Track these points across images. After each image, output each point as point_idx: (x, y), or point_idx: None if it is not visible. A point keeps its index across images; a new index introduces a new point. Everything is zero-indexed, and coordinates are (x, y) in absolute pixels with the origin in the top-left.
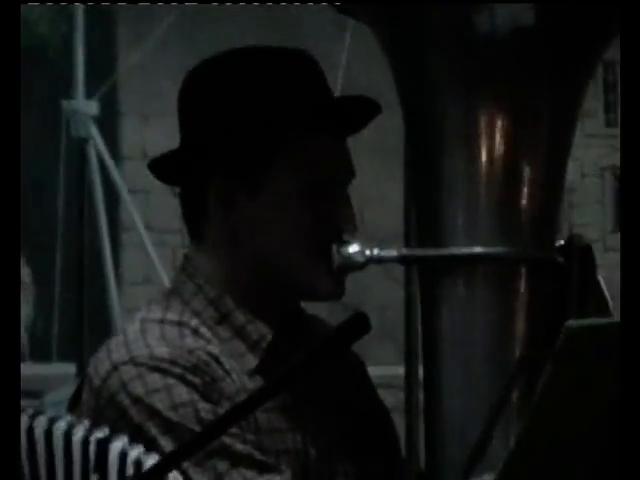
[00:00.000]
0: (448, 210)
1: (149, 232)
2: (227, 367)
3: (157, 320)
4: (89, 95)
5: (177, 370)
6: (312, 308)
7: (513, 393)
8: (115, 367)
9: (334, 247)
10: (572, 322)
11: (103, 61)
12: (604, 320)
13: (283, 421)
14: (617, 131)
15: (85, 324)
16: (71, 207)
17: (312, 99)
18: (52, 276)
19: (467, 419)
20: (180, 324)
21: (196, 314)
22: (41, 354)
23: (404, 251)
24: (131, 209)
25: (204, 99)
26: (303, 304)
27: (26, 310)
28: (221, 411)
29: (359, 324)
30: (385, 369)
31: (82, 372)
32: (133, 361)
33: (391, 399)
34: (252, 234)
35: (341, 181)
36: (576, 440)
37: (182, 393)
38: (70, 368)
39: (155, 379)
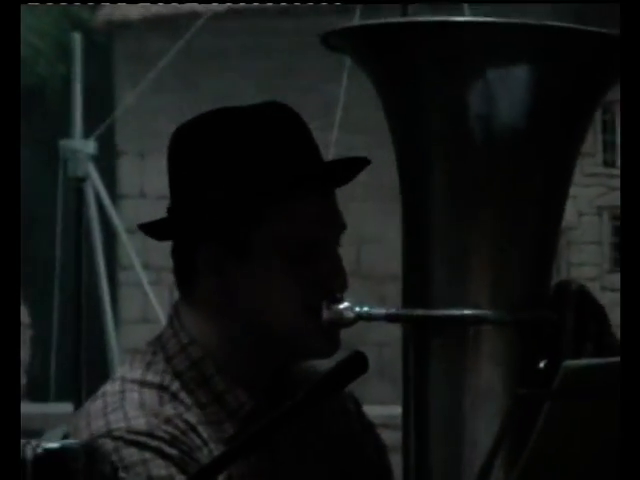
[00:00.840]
0: (437, 268)
1: (146, 271)
2: (204, 436)
3: (137, 381)
4: (87, 135)
5: (154, 443)
6: None
7: (508, 432)
8: (95, 437)
9: (324, 303)
10: (570, 362)
11: (101, 101)
12: (602, 360)
13: (259, 473)
14: (615, 171)
15: (82, 364)
16: (69, 246)
17: (297, 164)
18: (49, 316)
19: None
20: (160, 388)
21: (177, 375)
22: (39, 394)
23: (392, 310)
24: (129, 248)
25: (187, 165)
26: None
27: (23, 351)
28: None
29: (357, 363)
30: (383, 408)
31: None
32: (110, 435)
33: (389, 439)
34: (242, 298)
35: (330, 239)
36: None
37: (160, 467)
38: (68, 408)
39: (132, 453)
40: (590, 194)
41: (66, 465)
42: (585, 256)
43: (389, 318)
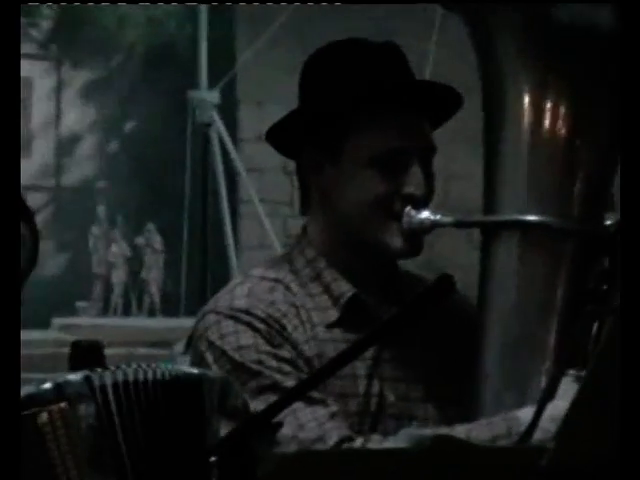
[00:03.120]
0: (508, 182)
1: (263, 204)
2: (304, 318)
3: (257, 276)
4: (211, 86)
5: (247, 318)
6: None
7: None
8: (203, 315)
9: (406, 212)
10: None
11: (224, 56)
12: None
13: (357, 369)
14: None
15: (208, 284)
16: (196, 184)
17: (392, 80)
18: (180, 243)
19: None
20: (276, 281)
21: (295, 272)
22: (171, 310)
23: (459, 217)
24: (248, 185)
25: (306, 83)
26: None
27: (158, 273)
28: (282, 354)
29: (445, 284)
30: None
31: None
32: (215, 310)
33: None
34: (335, 197)
35: (415, 152)
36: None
37: (248, 337)
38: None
39: (228, 324)
40: None
41: (202, 395)
42: None
43: (459, 224)
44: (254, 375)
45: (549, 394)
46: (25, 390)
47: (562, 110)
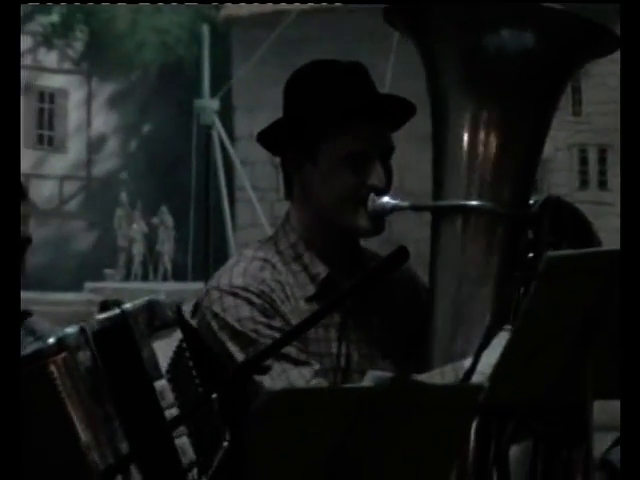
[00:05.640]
0: (452, 175)
1: (255, 191)
2: (288, 293)
3: (249, 256)
4: (212, 95)
5: (245, 294)
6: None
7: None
8: (207, 291)
9: (370, 197)
10: (551, 253)
11: (222, 72)
12: (575, 251)
13: (330, 333)
14: (579, 119)
15: (210, 255)
16: (200, 175)
17: (358, 96)
18: (187, 223)
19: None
20: (264, 260)
21: (279, 253)
22: (180, 276)
23: (414, 202)
24: (242, 175)
25: (287, 96)
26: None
27: (170, 246)
28: (274, 324)
29: (401, 254)
30: None
31: None
32: (217, 288)
33: None
34: (314, 191)
35: (377, 152)
36: (555, 344)
37: (246, 310)
38: (200, 285)
39: (229, 300)
40: (562, 135)
41: (127, 323)
42: (560, 179)
43: (413, 208)
44: (252, 342)
45: (485, 344)
46: (36, 345)
47: (494, 118)
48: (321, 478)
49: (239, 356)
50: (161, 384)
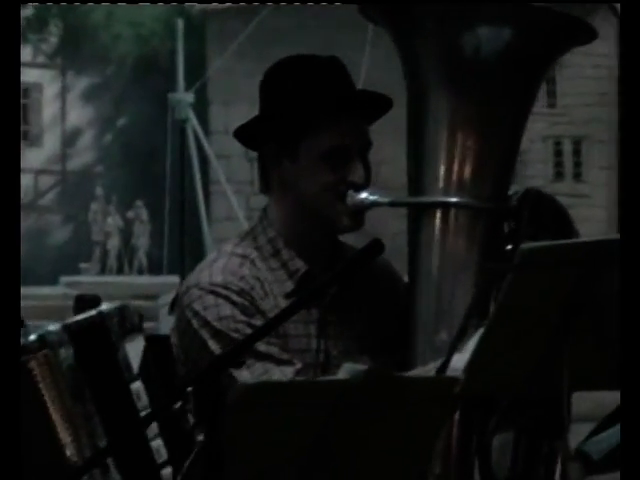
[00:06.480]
0: (430, 171)
1: (230, 184)
2: (267, 290)
3: (228, 252)
4: (187, 89)
5: (225, 292)
6: (347, 238)
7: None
8: (187, 288)
9: (349, 193)
10: (526, 244)
11: (197, 65)
12: (551, 242)
13: (309, 329)
14: (554, 111)
15: (185, 249)
16: (175, 168)
17: (337, 92)
18: (162, 216)
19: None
20: (243, 256)
21: (258, 248)
22: (156, 270)
23: (393, 198)
24: (217, 168)
25: (265, 91)
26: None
27: (145, 240)
28: (255, 322)
29: (376, 247)
30: None
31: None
32: (197, 286)
33: None
34: (293, 187)
35: (355, 148)
36: (530, 335)
37: (226, 309)
38: (175, 279)
39: (210, 299)
40: (538, 127)
41: (104, 324)
42: (534, 171)
43: (392, 204)
44: (232, 340)
45: (460, 336)
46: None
47: (472, 114)
48: (298, 470)
49: None
50: (136, 386)
